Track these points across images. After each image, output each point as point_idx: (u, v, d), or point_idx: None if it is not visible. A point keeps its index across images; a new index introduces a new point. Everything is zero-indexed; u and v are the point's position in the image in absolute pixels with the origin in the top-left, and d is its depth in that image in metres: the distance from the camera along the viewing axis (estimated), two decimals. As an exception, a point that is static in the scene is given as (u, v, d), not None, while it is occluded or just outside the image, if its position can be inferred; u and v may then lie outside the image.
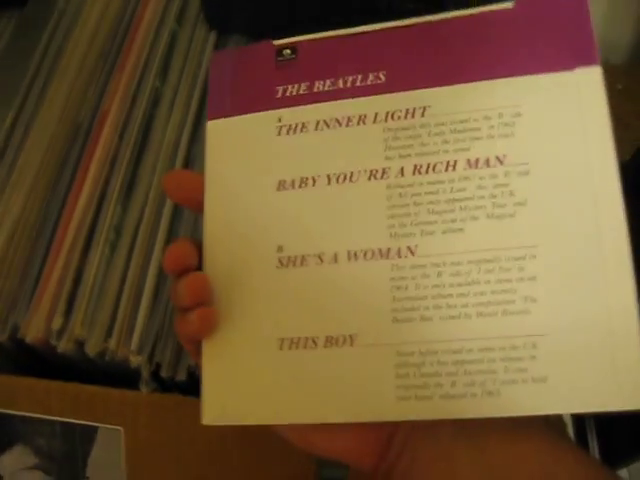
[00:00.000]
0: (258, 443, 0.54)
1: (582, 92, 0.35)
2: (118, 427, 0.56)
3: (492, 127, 0.36)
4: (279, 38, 0.69)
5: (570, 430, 0.99)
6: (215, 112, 0.40)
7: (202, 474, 0.56)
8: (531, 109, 0.35)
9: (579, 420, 1.02)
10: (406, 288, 0.35)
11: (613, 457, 1.00)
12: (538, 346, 0.33)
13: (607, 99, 0.35)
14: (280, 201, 0.37)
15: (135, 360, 0.55)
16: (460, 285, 0.34)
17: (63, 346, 0.56)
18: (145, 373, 0.55)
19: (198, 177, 0.39)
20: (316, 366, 0.35)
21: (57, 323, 0.56)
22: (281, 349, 0.36)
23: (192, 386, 0.55)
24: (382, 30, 0.39)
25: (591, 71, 0.35)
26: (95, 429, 0.56)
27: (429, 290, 0.34)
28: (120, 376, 0.56)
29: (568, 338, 0.32)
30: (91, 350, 0.55)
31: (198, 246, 0.38)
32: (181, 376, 0.55)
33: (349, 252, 0.36)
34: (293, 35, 0.46)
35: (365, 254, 0.36)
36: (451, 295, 0.34)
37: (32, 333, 0.56)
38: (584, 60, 0.35)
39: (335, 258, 0.36)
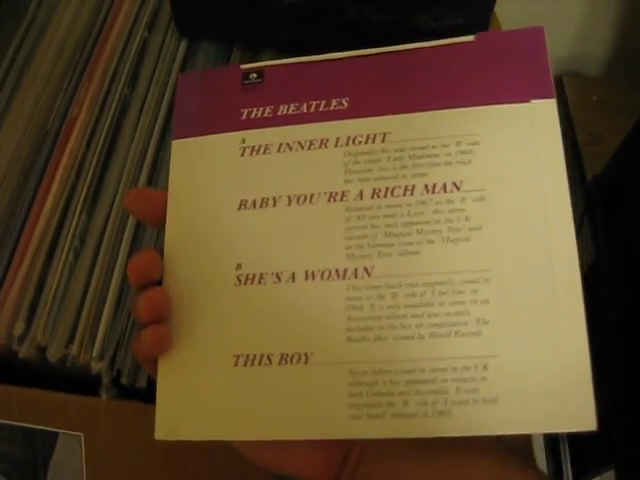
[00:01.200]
0: (218, 453, 0.55)
1: (537, 124, 0.36)
2: (78, 433, 0.56)
3: (450, 154, 0.37)
4: (248, 47, 0.70)
5: (541, 440, 1.00)
6: (180, 132, 0.40)
7: (161, 481, 0.56)
8: (488, 138, 0.36)
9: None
10: (361, 308, 0.35)
11: (585, 466, 1.00)
12: (489, 367, 0.33)
13: (559, 131, 0.36)
14: (241, 220, 0.38)
15: (96, 367, 0.55)
16: (415, 306, 0.35)
17: (25, 352, 0.56)
18: (106, 379, 0.55)
19: (160, 194, 0.39)
20: (271, 383, 0.35)
21: (19, 329, 0.56)
22: (236, 365, 0.36)
23: (153, 393, 0.55)
24: (347, 58, 0.40)
25: (546, 104, 0.36)
26: (55, 435, 0.56)
27: (384, 310, 0.35)
28: (81, 382, 0.56)
29: (519, 360, 0.33)
30: (52, 356, 0.56)
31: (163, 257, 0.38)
32: (141, 383, 0.55)
33: (307, 272, 0.36)
34: (261, 44, 0.47)
35: (322, 274, 0.36)
36: (405, 316, 0.35)
37: (-6, 339, 0.56)
38: (540, 93, 0.37)
39: (293, 277, 0.36)
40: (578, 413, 0.32)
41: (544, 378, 0.33)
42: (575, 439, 1.02)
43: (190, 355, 0.37)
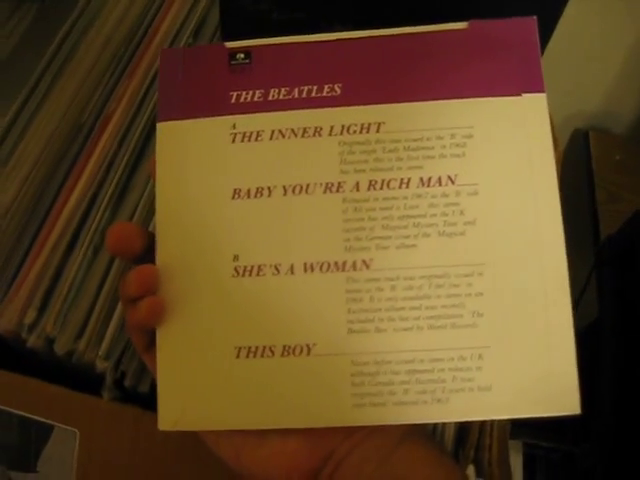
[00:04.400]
0: (213, 464, 0.55)
1: (528, 117, 0.38)
2: (74, 429, 0.56)
3: (444, 147, 0.38)
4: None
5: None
6: (166, 114, 0.40)
7: (151, 488, 0.56)
8: (481, 131, 0.38)
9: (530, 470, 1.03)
10: (361, 300, 0.37)
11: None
12: (484, 357, 0.36)
13: (550, 126, 0.38)
14: (236, 210, 0.38)
15: (101, 365, 0.56)
16: (412, 299, 0.36)
17: (33, 341, 0.56)
18: (109, 379, 0.56)
19: (135, 229, 0.39)
20: (273, 374, 0.37)
21: (30, 317, 0.57)
22: (238, 357, 0.37)
23: (154, 400, 0.56)
24: (338, 40, 0.40)
25: (537, 98, 0.38)
26: (51, 427, 0.56)
27: (383, 303, 0.36)
28: (84, 379, 0.57)
29: (511, 350, 0.36)
30: (60, 349, 0.56)
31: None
32: (144, 387, 0.55)
33: (305, 264, 0.37)
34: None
35: (321, 266, 0.37)
36: (404, 308, 0.36)
37: (4, 324, 0.57)
38: (531, 87, 0.38)
39: (292, 269, 0.37)
40: (564, 398, 0.35)
41: (533, 367, 0.35)
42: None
43: (191, 347, 0.37)
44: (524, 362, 0.35)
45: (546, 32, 0.63)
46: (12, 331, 0.56)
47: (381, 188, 0.37)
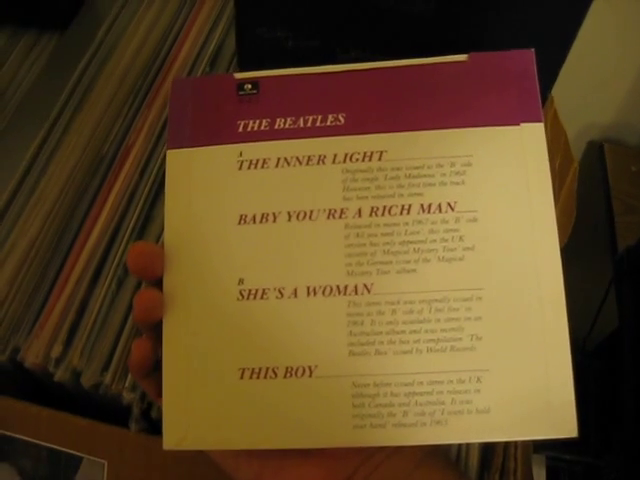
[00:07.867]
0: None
1: (526, 146, 0.38)
2: (103, 460, 0.57)
3: (444, 175, 0.38)
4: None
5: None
6: (175, 142, 0.41)
7: (179, 518, 0.56)
8: (480, 160, 0.38)
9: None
10: (362, 323, 0.37)
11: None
12: (482, 380, 0.36)
13: (547, 154, 0.38)
14: (241, 235, 0.39)
15: (128, 397, 0.56)
16: (412, 322, 0.37)
17: (60, 375, 0.57)
18: (136, 411, 0.56)
19: (157, 250, 0.39)
20: (276, 395, 0.37)
21: (56, 351, 0.57)
22: (242, 378, 0.37)
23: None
24: (342, 72, 0.40)
25: (535, 127, 0.39)
26: (80, 459, 0.57)
27: (384, 326, 0.37)
28: (112, 411, 0.57)
29: (509, 373, 0.36)
30: (86, 382, 0.56)
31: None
32: (170, 419, 0.56)
33: (308, 287, 0.38)
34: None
35: (324, 290, 0.38)
36: (404, 331, 0.37)
37: (31, 358, 0.57)
38: (529, 117, 0.39)
39: (295, 293, 0.38)
40: (561, 421, 0.35)
41: (531, 390, 0.36)
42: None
43: (195, 367, 0.38)
44: (522, 385, 0.36)
45: (562, 51, 0.63)
46: (39, 365, 0.57)
47: (383, 214, 0.38)
